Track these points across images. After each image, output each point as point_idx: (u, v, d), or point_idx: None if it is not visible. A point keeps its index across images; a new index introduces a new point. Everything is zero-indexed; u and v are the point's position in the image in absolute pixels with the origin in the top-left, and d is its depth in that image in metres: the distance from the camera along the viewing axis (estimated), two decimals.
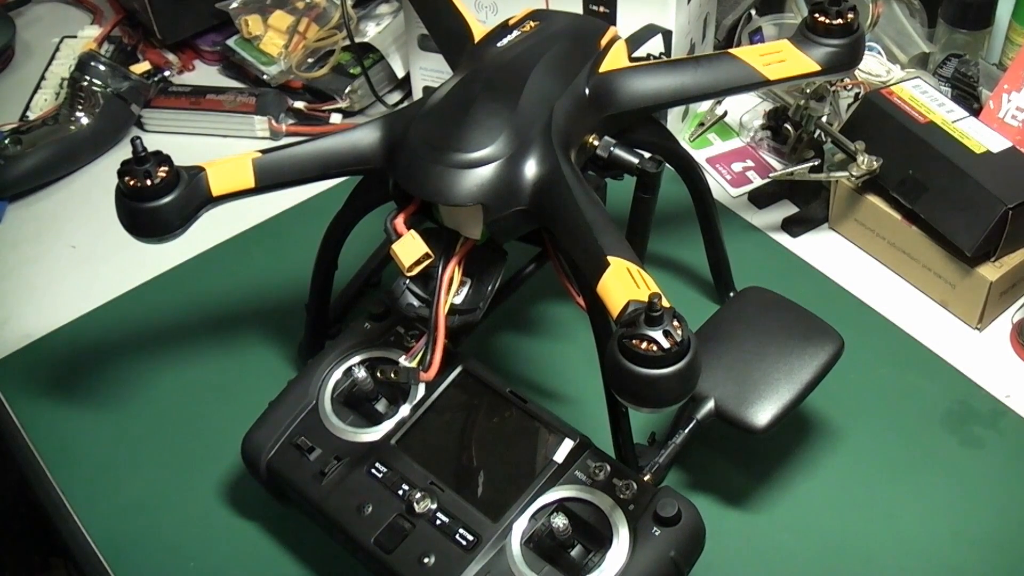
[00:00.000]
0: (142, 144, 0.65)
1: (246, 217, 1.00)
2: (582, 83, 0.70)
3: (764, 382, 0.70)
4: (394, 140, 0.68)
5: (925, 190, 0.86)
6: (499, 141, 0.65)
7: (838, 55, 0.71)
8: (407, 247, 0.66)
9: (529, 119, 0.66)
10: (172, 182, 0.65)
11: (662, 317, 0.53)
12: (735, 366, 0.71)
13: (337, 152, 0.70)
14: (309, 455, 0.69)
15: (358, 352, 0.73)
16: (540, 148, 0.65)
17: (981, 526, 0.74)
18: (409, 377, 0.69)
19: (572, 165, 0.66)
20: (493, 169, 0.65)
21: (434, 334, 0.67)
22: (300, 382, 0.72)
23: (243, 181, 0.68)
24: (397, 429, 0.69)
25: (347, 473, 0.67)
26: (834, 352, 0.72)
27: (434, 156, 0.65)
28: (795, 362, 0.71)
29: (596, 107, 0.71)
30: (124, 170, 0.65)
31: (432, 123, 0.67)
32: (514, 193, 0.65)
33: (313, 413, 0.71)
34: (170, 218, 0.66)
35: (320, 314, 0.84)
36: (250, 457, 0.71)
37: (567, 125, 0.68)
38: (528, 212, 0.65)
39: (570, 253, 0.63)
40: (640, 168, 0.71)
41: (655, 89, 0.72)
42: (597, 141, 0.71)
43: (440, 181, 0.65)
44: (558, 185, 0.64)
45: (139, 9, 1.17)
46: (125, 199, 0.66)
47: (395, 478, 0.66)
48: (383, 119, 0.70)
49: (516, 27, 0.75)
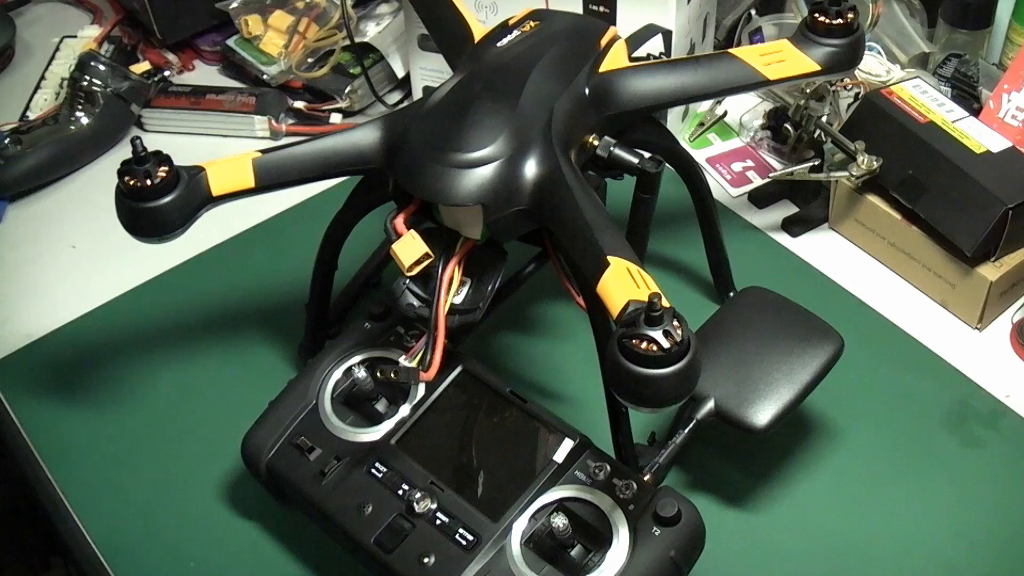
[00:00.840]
0: (142, 144, 0.65)
1: (246, 217, 1.00)
2: (582, 83, 0.70)
3: (764, 382, 0.70)
4: (394, 140, 0.68)
5: (925, 190, 0.86)
6: (499, 141, 0.65)
7: (838, 55, 0.71)
8: (407, 247, 0.66)
9: (529, 119, 0.66)
10: (172, 182, 0.65)
11: (662, 317, 0.53)
12: (735, 366, 0.71)
13: (337, 152, 0.69)
14: (309, 455, 0.69)
15: (358, 352, 0.73)
16: (540, 148, 0.65)
17: (981, 526, 0.74)
18: (409, 377, 0.69)
19: (572, 165, 0.66)
20: (493, 169, 0.64)
21: (434, 334, 0.67)
22: (300, 382, 0.72)
23: (243, 181, 0.68)
24: (397, 429, 0.69)
25: (347, 473, 0.67)
26: (834, 352, 0.72)
27: (434, 156, 0.65)
28: (795, 362, 0.71)
29: (596, 107, 0.71)
30: (124, 170, 0.65)
31: (432, 123, 0.67)
32: (514, 193, 0.65)
33: (313, 413, 0.71)
34: (170, 218, 0.66)
35: (320, 314, 0.84)
36: (250, 457, 0.70)
37: (567, 125, 0.68)
38: (528, 212, 0.65)
39: (570, 253, 0.63)
40: (640, 168, 0.71)
41: (655, 89, 0.72)
42: (597, 141, 0.71)
43: (440, 181, 0.65)
44: (558, 185, 0.64)
45: (139, 9, 1.17)
46: (125, 199, 0.66)
47: (395, 478, 0.66)
48: (383, 119, 0.70)
49: (516, 27, 0.75)
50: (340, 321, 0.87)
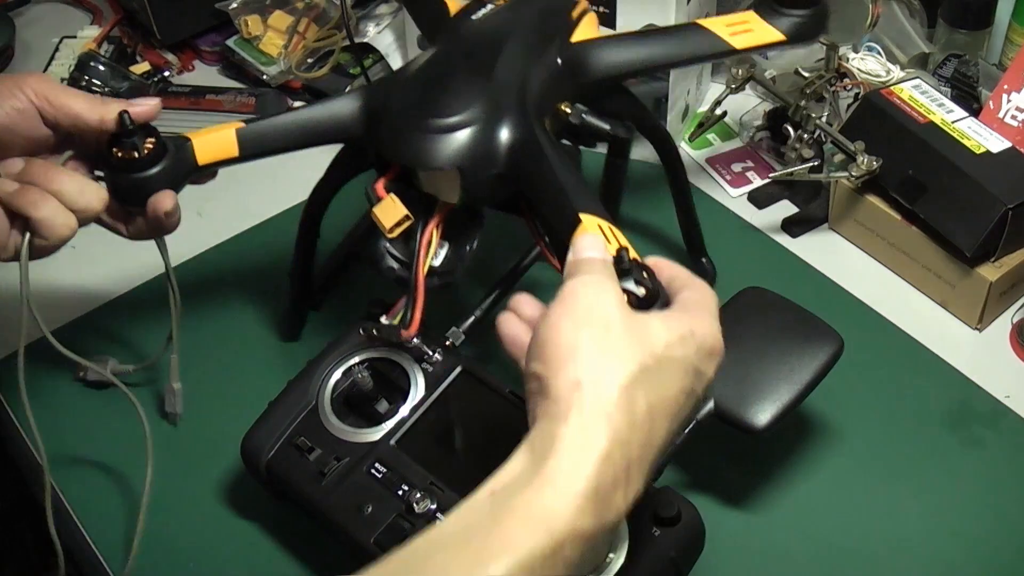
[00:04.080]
0: (129, 117, 0.66)
1: (246, 217, 1.00)
2: (554, 53, 0.72)
3: (764, 382, 0.70)
4: (373, 109, 0.70)
5: (925, 190, 0.86)
6: (475, 107, 0.67)
7: (803, 25, 0.74)
8: (387, 210, 0.68)
9: (504, 87, 0.68)
10: (159, 153, 0.67)
11: (631, 269, 0.55)
12: (735, 366, 0.71)
13: (318, 122, 0.72)
14: (309, 455, 0.69)
15: (358, 352, 0.73)
16: (515, 114, 0.67)
17: (981, 526, 0.74)
18: (390, 335, 0.70)
19: (546, 130, 0.68)
20: (469, 134, 0.66)
21: (414, 294, 0.69)
22: (300, 382, 0.72)
23: (227, 150, 0.70)
24: (397, 429, 0.69)
25: (347, 473, 0.67)
26: (834, 352, 0.72)
27: (413, 122, 0.67)
28: (795, 362, 0.71)
29: (568, 76, 0.72)
30: (112, 143, 0.67)
31: (410, 91, 0.69)
32: (490, 157, 0.66)
33: (313, 413, 0.71)
34: (158, 188, 0.67)
35: (304, 283, 0.85)
36: (250, 457, 0.71)
37: (541, 93, 0.70)
38: (504, 176, 0.67)
39: (544, 213, 0.65)
40: (612, 133, 0.73)
41: (625, 58, 0.74)
42: (570, 109, 0.72)
43: (419, 146, 0.67)
44: (532, 148, 0.66)
45: (138, 9, 1.17)
46: (114, 171, 0.67)
47: (395, 478, 0.66)
48: (361, 89, 0.73)
49: (490, 1, 0.76)
50: (324, 292, 0.88)
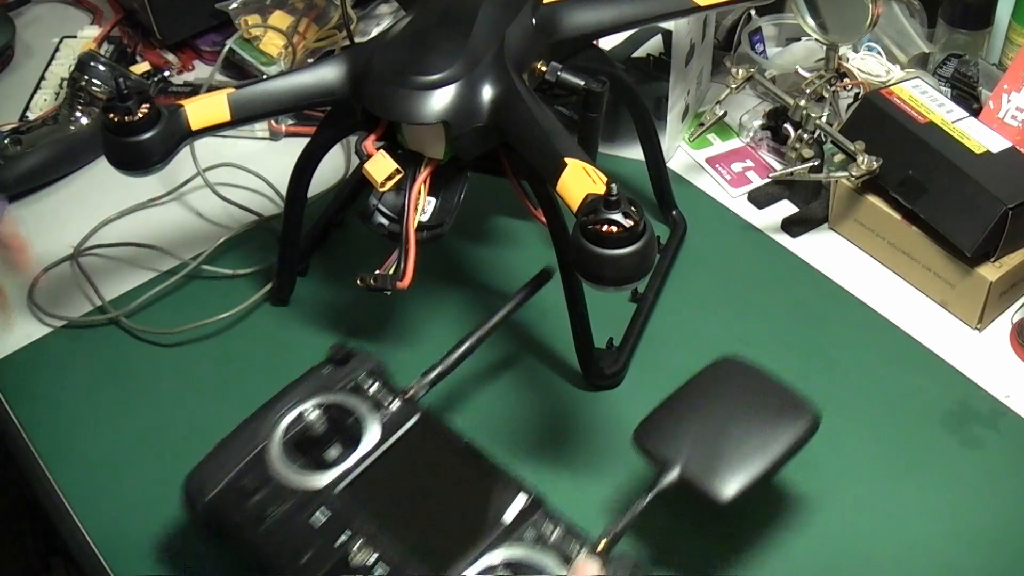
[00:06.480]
0: (125, 83, 0.68)
1: (247, 215, 1.00)
2: (528, 13, 0.76)
3: (733, 453, 0.66)
4: (359, 70, 0.73)
5: (925, 190, 0.86)
6: (457, 64, 0.70)
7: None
8: (378, 165, 0.71)
9: (483, 44, 0.72)
10: (153, 118, 0.70)
11: (619, 201, 0.58)
12: (705, 435, 0.67)
13: (306, 86, 0.75)
14: (251, 497, 0.66)
15: (315, 396, 0.70)
16: (495, 70, 0.70)
17: (981, 526, 0.74)
18: (386, 283, 0.72)
19: (525, 84, 0.71)
20: (453, 89, 0.70)
21: (406, 246, 0.71)
22: (252, 422, 0.70)
23: (219, 115, 0.73)
24: (344, 476, 0.66)
25: (287, 519, 0.64)
26: (809, 427, 0.68)
27: (398, 80, 0.70)
28: (768, 435, 0.67)
29: (542, 35, 0.76)
30: (108, 107, 0.68)
31: (394, 52, 0.73)
32: (474, 111, 0.70)
33: (261, 455, 0.68)
34: (153, 151, 0.70)
35: (291, 247, 0.87)
36: (191, 495, 0.68)
37: (518, 50, 0.73)
38: (487, 128, 0.70)
39: (529, 161, 0.68)
40: (586, 87, 0.75)
41: (594, 18, 0.78)
42: (545, 67, 0.75)
43: (405, 102, 0.70)
44: (514, 100, 0.69)
45: (139, 9, 1.17)
46: (110, 134, 0.69)
47: (335, 527, 0.63)
48: (345, 52, 0.76)
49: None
50: (308, 257, 0.93)
